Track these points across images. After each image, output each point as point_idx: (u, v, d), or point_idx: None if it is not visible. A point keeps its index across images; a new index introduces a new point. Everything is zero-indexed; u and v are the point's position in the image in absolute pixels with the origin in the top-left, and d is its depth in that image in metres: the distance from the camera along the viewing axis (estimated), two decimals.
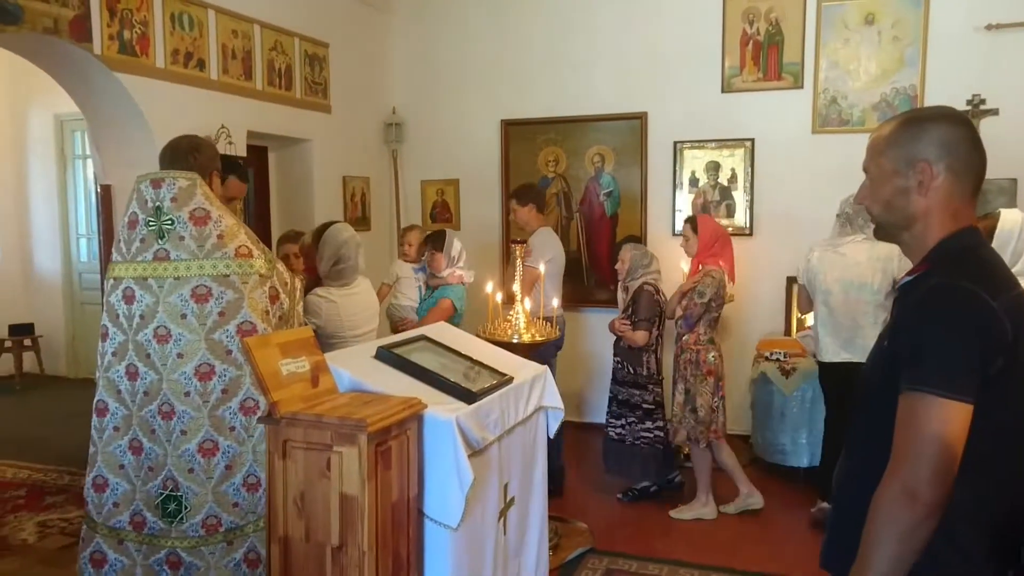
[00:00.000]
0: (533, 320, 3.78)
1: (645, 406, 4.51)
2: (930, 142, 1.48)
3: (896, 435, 1.38)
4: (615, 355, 4.62)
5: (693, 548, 3.99)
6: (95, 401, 2.78)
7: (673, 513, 4.41)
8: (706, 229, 4.45)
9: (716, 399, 4.32)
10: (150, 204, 2.71)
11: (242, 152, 5.06)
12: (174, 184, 2.71)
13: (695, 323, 4.32)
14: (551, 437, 3.19)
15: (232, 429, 2.69)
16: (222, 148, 4.73)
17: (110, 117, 4.40)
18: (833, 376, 4.13)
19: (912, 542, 1.34)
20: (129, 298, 2.69)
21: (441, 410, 2.40)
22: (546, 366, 3.16)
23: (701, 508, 4.39)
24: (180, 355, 2.66)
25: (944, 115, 1.52)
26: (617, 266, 4.64)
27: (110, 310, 2.74)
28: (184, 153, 2.89)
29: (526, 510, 3.01)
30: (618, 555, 3.90)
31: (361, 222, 6.31)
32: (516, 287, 3.84)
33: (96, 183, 4.62)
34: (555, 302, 4.11)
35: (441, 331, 3.19)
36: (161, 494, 2.71)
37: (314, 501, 2.21)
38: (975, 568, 1.42)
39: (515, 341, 3.62)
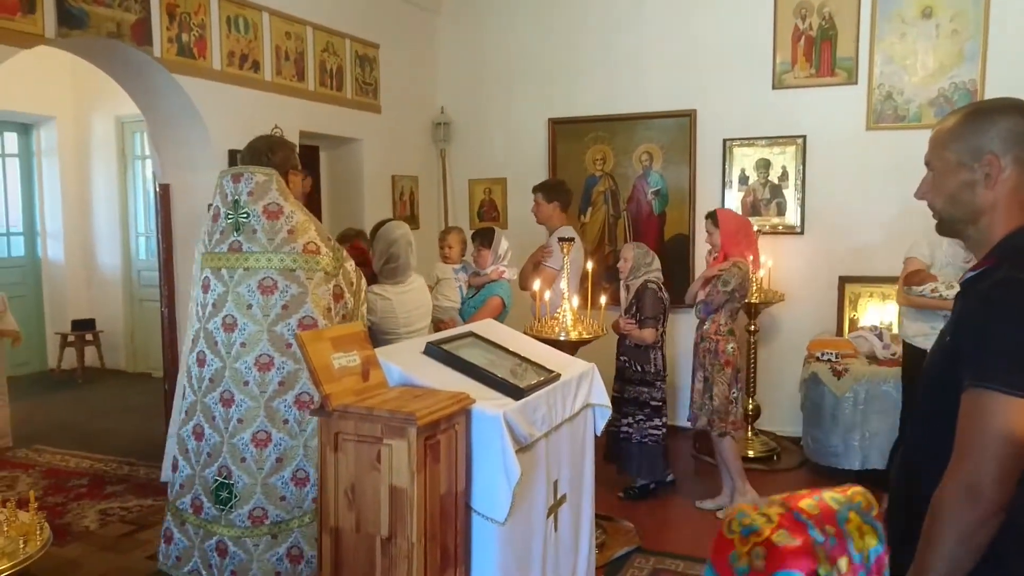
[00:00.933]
0: (581, 317, 3.78)
1: (653, 403, 4.52)
2: (997, 134, 1.44)
3: (959, 432, 1.35)
4: (621, 354, 4.61)
5: None
6: (178, 385, 2.93)
7: (720, 514, 4.37)
8: (728, 221, 4.45)
9: (734, 390, 4.31)
10: (230, 198, 2.81)
11: None
12: (252, 179, 2.81)
13: (714, 311, 4.31)
14: (598, 435, 3.20)
15: (285, 422, 2.76)
16: None
17: (169, 118, 4.53)
18: None
19: (974, 541, 1.31)
20: (205, 287, 2.80)
21: (489, 405, 2.42)
22: (593, 364, 3.16)
23: (742, 499, 4.36)
24: (243, 344, 2.74)
25: (1010, 106, 1.48)
26: (620, 265, 4.62)
27: (193, 301, 2.85)
28: (260, 153, 3.00)
29: (577, 508, 3.01)
30: (665, 555, 3.87)
31: (410, 221, 6.38)
32: (563, 284, 3.85)
33: (155, 183, 4.76)
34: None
35: (489, 328, 3.21)
36: (216, 481, 2.79)
37: (364, 493, 2.25)
38: None
39: (562, 338, 3.62)
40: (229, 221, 2.81)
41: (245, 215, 2.78)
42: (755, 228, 5.53)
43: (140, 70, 4.31)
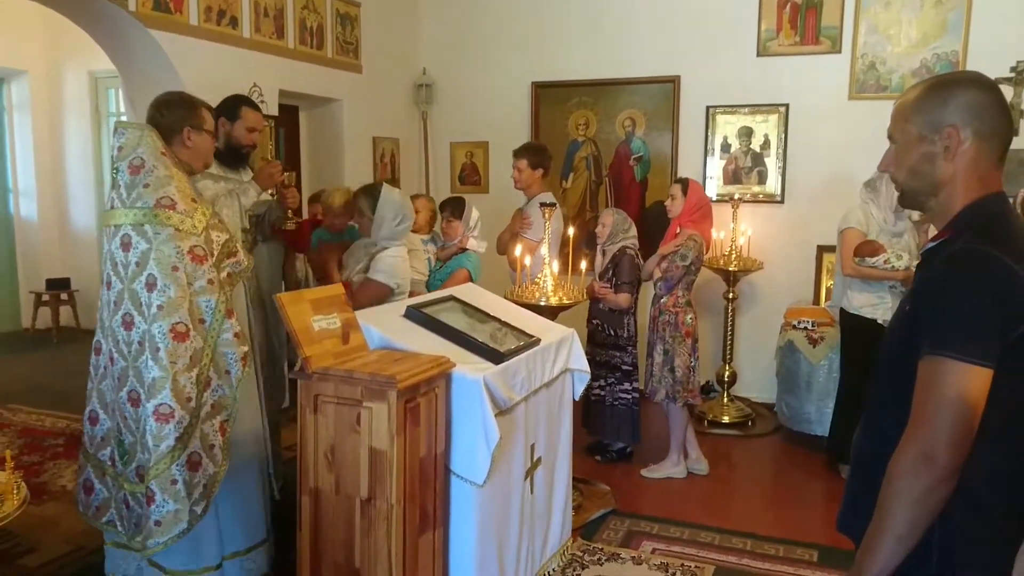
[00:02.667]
0: (561, 283, 3.79)
1: (624, 367, 4.56)
2: (957, 107, 1.46)
3: (915, 399, 1.39)
4: (593, 317, 4.63)
5: (712, 512, 4.03)
6: (95, 340, 2.88)
7: (644, 472, 4.47)
8: (695, 194, 4.49)
9: (693, 359, 4.40)
10: (111, 152, 2.78)
11: (274, 111, 5.07)
12: (123, 134, 2.77)
13: (675, 285, 4.37)
14: (576, 399, 3.23)
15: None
16: None
17: (144, 74, 4.43)
18: None
19: (928, 505, 1.35)
20: (102, 245, 2.78)
21: (469, 369, 2.43)
22: (573, 329, 3.18)
23: (672, 468, 4.45)
24: (115, 303, 2.70)
25: (971, 79, 1.50)
26: (598, 229, 4.63)
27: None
28: (152, 108, 2.94)
29: (552, 470, 3.05)
30: (640, 517, 3.94)
31: (391, 183, 6.29)
32: (544, 250, 3.85)
33: None
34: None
35: (470, 292, 3.22)
36: (116, 436, 2.78)
37: (344, 455, 2.26)
38: (994, 530, 1.43)
39: (542, 304, 3.63)
40: (112, 176, 2.78)
41: (115, 170, 2.75)
42: (736, 196, 5.57)
43: (114, 24, 4.20)
